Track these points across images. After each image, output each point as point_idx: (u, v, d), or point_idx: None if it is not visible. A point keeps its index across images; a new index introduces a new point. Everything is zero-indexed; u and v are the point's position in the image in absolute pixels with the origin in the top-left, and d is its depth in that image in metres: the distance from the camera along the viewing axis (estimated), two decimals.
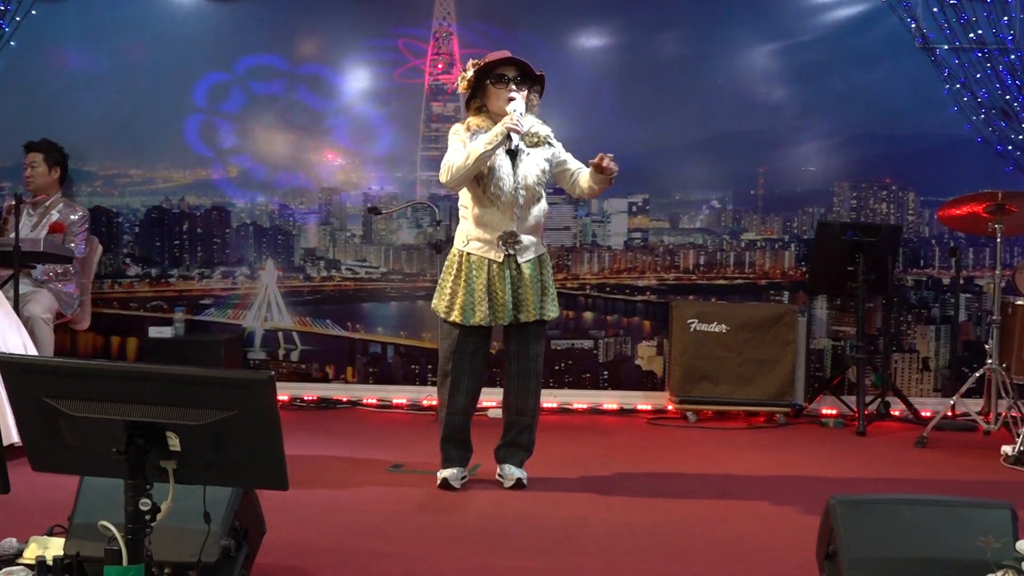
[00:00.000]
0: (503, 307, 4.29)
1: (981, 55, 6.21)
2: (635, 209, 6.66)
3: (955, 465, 5.06)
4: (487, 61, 4.30)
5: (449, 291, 4.33)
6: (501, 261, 4.29)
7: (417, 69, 6.62)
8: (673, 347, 6.23)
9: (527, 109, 4.28)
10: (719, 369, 6.11)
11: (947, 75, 6.28)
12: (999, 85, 6.22)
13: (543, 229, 4.46)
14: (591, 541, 3.70)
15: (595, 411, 6.37)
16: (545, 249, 4.48)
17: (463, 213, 4.38)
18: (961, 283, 6.33)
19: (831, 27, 6.45)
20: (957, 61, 6.26)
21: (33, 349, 5.16)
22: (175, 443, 2.36)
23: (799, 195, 6.61)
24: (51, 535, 3.08)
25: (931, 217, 6.45)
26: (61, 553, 2.86)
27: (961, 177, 6.30)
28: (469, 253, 4.31)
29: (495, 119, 4.29)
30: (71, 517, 2.91)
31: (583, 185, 4.42)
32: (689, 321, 6.16)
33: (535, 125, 4.36)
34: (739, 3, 6.51)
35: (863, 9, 6.42)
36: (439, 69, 6.62)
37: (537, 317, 4.37)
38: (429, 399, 6.29)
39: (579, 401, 6.43)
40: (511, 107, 4.19)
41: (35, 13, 6.60)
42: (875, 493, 3.34)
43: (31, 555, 2.98)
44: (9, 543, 3.10)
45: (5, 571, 2.88)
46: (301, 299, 6.73)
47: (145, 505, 2.36)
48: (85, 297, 6.29)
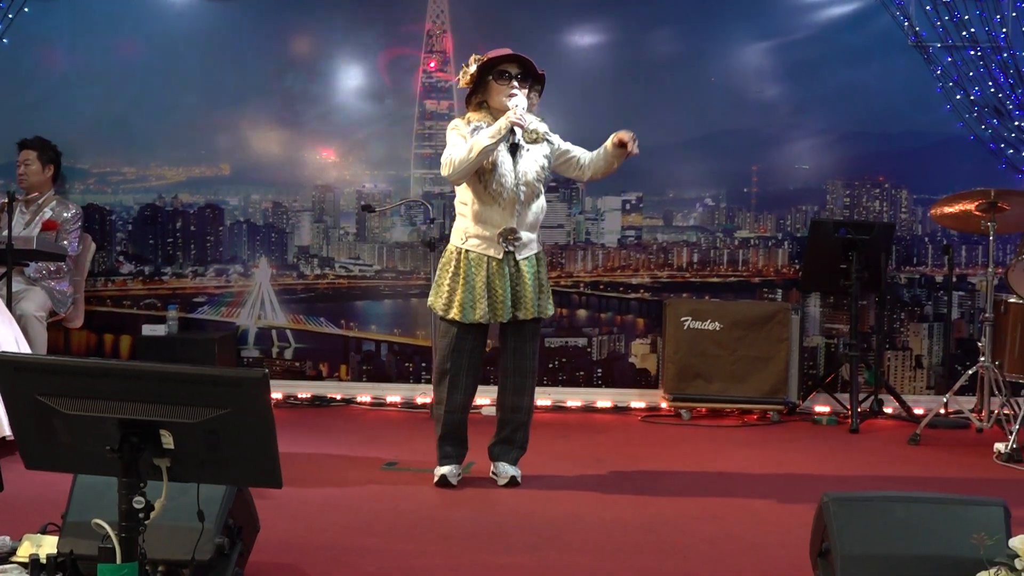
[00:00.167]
0: (502, 304, 4.29)
1: (974, 53, 6.22)
2: (629, 207, 6.66)
3: (948, 463, 5.07)
4: (490, 57, 4.30)
5: (447, 288, 4.32)
6: (500, 258, 4.29)
7: (411, 67, 6.61)
8: (667, 345, 6.23)
9: (527, 108, 4.28)
10: (713, 367, 6.12)
11: (940, 73, 6.29)
12: (992, 83, 6.23)
13: (539, 227, 4.47)
14: (585, 538, 3.71)
15: (589, 409, 6.37)
16: (542, 247, 4.49)
17: (461, 210, 4.37)
18: (954, 281, 6.34)
19: (824, 25, 6.46)
20: (950, 59, 6.27)
21: (25, 343, 5.14)
22: (169, 441, 2.36)
23: (792, 193, 6.62)
24: (45, 533, 3.08)
25: (924, 215, 6.46)
26: (55, 551, 2.86)
27: (954, 175, 6.31)
28: (468, 250, 4.31)
29: (495, 115, 4.29)
30: (65, 515, 2.91)
31: (597, 164, 4.43)
32: (683, 319, 6.16)
33: (533, 122, 4.37)
34: (732, 1, 6.50)
35: (856, 7, 6.42)
36: (432, 67, 6.61)
37: (535, 314, 4.37)
38: (423, 397, 6.29)
39: (573, 399, 6.43)
40: (513, 102, 4.19)
41: (28, 10, 6.58)
42: (868, 491, 3.35)
43: (24, 553, 2.98)
44: (2, 541, 3.10)
45: None
46: (295, 297, 6.72)
47: (139, 503, 2.36)
48: (78, 295, 6.28)
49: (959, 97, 6.29)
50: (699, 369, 6.13)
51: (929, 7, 6.23)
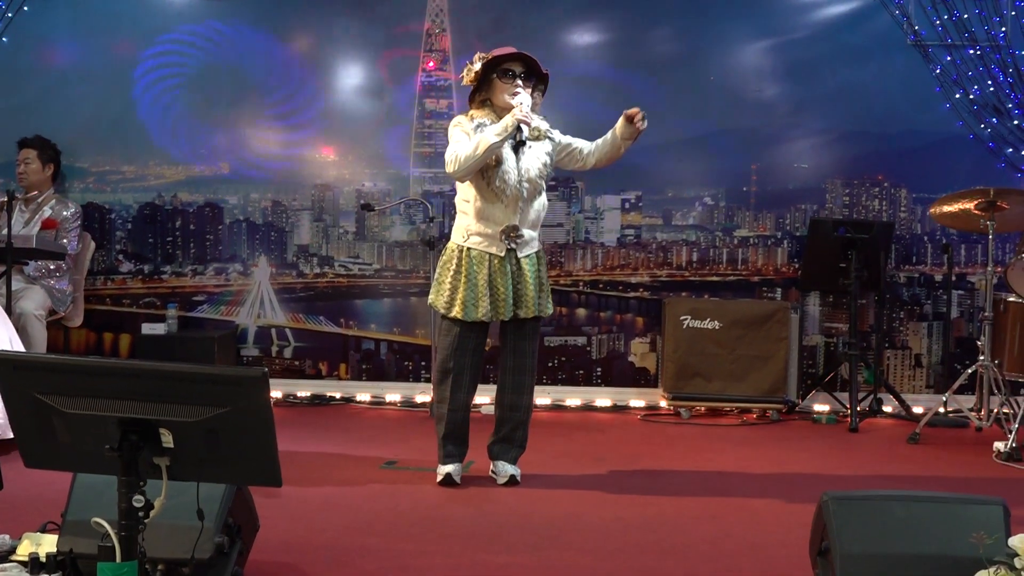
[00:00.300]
0: (504, 302, 4.29)
1: (973, 52, 6.22)
2: (628, 206, 6.66)
3: (947, 461, 5.08)
4: (494, 55, 4.29)
5: (449, 287, 4.32)
6: (502, 256, 4.29)
7: (410, 66, 6.61)
8: (666, 344, 6.23)
9: (531, 106, 4.27)
10: (712, 366, 6.12)
11: (939, 72, 6.29)
12: (991, 82, 6.22)
13: (541, 224, 4.47)
14: (584, 537, 3.71)
15: (588, 408, 6.36)
16: (542, 246, 4.49)
17: (463, 207, 4.36)
18: (953, 280, 6.33)
19: (823, 24, 6.45)
20: (949, 58, 6.26)
21: (19, 343, 5.14)
22: (168, 440, 2.36)
23: (792, 192, 6.62)
24: (44, 532, 3.08)
25: (923, 214, 6.46)
26: (54, 550, 2.86)
27: (953, 174, 6.31)
28: (469, 248, 4.30)
29: (498, 113, 4.29)
30: (64, 514, 2.91)
31: (602, 150, 4.41)
32: (682, 318, 6.16)
33: (535, 119, 4.36)
34: (731, 0, 6.51)
35: (855, 6, 6.42)
36: (431, 67, 6.61)
37: (536, 313, 4.37)
38: (422, 395, 6.29)
39: (572, 397, 6.43)
40: (517, 100, 4.18)
41: (27, 9, 6.58)
42: (868, 490, 3.36)
43: (24, 552, 2.98)
44: (2, 540, 3.10)
45: None
46: (294, 296, 6.72)
47: (138, 502, 2.36)
48: (78, 294, 6.28)
49: (958, 96, 6.28)
50: (698, 368, 6.13)
51: (928, 6, 6.23)
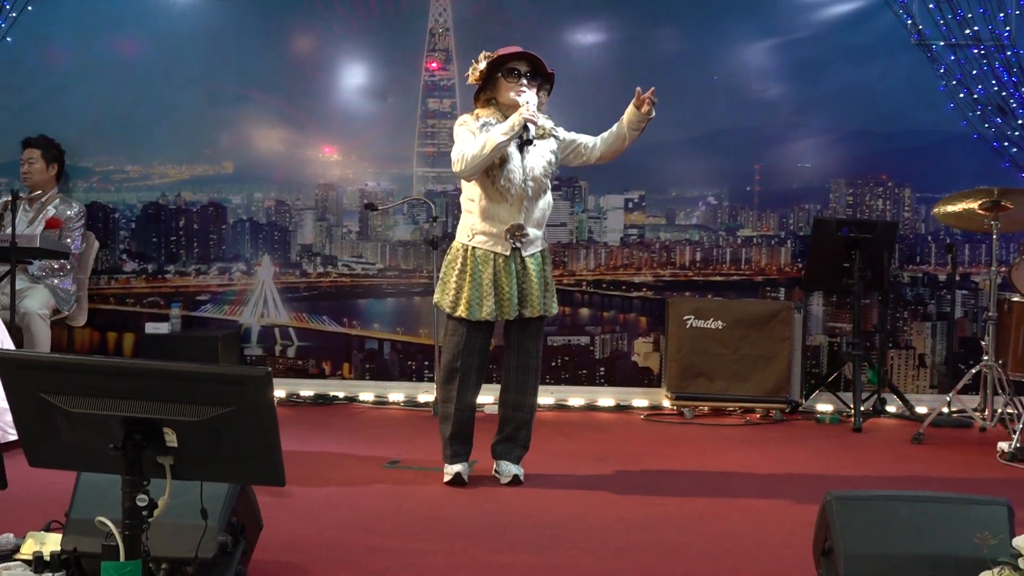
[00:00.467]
0: (509, 302, 4.28)
1: (977, 52, 6.22)
2: (631, 205, 6.66)
3: (951, 462, 5.07)
4: (499, 54, 4.28)
5: (454, 286, 4.31)
6: (507, 255, 4.28)
7: (414, 65, 6.61)
8: (669, 343, 6.23)
9: (536, 105, 4.26)
10: (715, 365, 6.11)
11: (943, 72, 6.29)
12: (995, 81, 6.22)
13: (546, 224, 4.46)
14: (587, 537, 3.71)
15: (591, 407, 6.36)
16: (546, 245, 4.48)
17: (468, 207, 4.35)
18: (957, 280, 6.33)
19: (827, 24, 6.45)
20: (953, 57, 6.26)
21: (9, 341, 5.13)
22: (172, 439, 2.36)
23: (795, 192, 6.62)
24: (48, 531, 3.09)
25: (927, 214, 6.46)
26: (58, 549, 2.87)
27: (957, 174, 6.31)
28: (474, 247, 4.29)
29: (503, 111, 4.28)
30: (68, 513, 2.91)
31: (608, 143, 4.39)
32: (685, 317, 6.16)
33: (539, 118, 4.35)
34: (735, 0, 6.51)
35: (859, 6, 6.41)
36: (435, 66, 6.61)
37: (541, 312, 4.36)
38: (426, 395, 6.29)
39: (575, 397, 6.43)
40: (523, 99, 4.17)
41: (31, 9, 6.58)
42: (871, 490, 3.35)
43: (28, 551, 2.99)
44: (6, 539, 3.10)
45: (2, 567, 2.88)
46: (297, 295, 6.72)
47: (142, 501, 2.36)
48: (82, 293, 6.28)
49: (962, 95, 6.28)
50: (702, 368, 6.13)
51: (932, 5, 6.22)
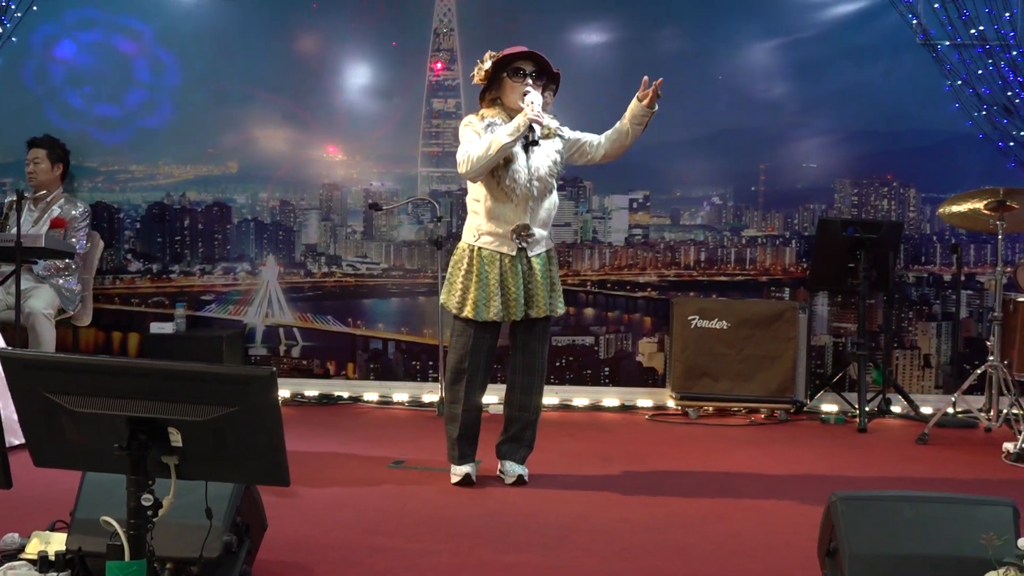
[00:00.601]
0: (515, 302, 4.27)
1: (983, 51, 6.21)
2: (636, 205, 6.65)
3: (956, 462, 5.06)
4: (505, 54, 4.27)
5: (460, 286, 4.30)
6: (514, 255, 4.28)
7: (418, 65, 6.61)
8: (674, 344, 6.23)
9: (542, 106, 4.25)
10: (720, 366, 6.11)
11: (948, 71, 6.28)
12: (1001, 81, 6.21)
13: (551, 223, 4.45)
14: (591, 538, 3.70)
15: (596, 407, 6.36)
16: (553, 244, 4.47)
17: (473, 207, 4.34)
18: (962, 280, 6.32)
19: (832, 23, 6.44)
20: (958, 57, 6.25)
21: (1, 341, 5.12)
22: (177, 439, 2.36)
23: (800, 191, 6.61)
24: (53, 530, 3.09)
25: (932, 214, 6.45)
26: (63, 548, 2.87)
27: (962, 174, 6.30)
28: (480, 247, 4.28)
29: (509, 112, 4.27)
30: (73, 512, 2.92)
31: (612, 140, 4.38)
32: (690, 318, 6.16)
33: (544, 118, 4.34)
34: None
35: (863, 5, 6.41)
36: (439, 67, 6.61)
37: (547, 312, 4.36)
38: (430, 395, 6.30)
39: (580, 397, 6.43)
40: (528, 99, 4.16)
41: (35, 8, 6.59)
42: (876, 490, 3.34)
43: (33, 550, 2.99)
44: (11, 538, 3.11)
45: (7, 566, 2.89)
46: (302, 295, 6.73)
47: (147, 501, 2.37)
48: (86, 293, 6.29)
49: (968, 95, 6.27)
50: (706, 368, 6.12)
51: (937, 5, 6.21)
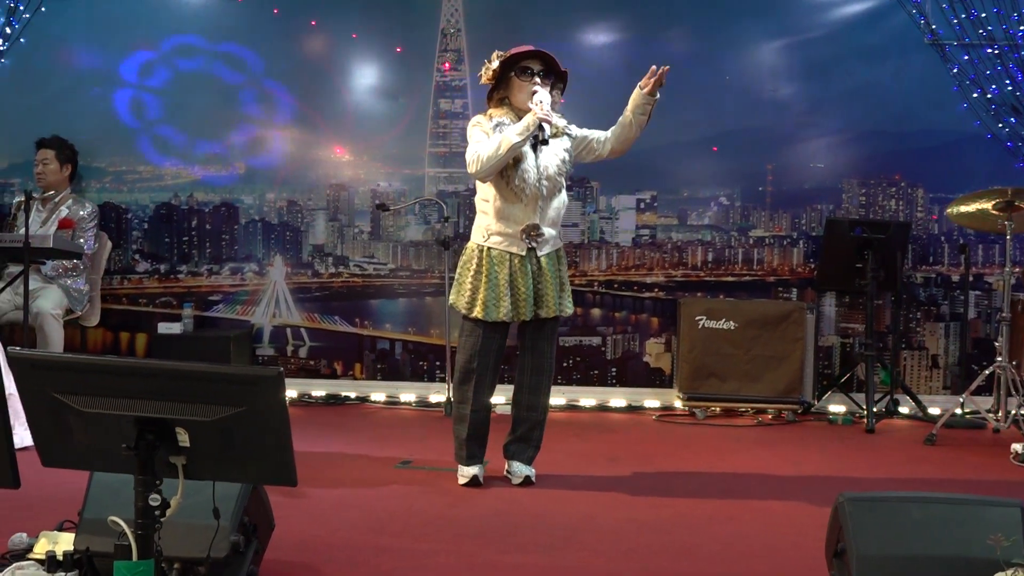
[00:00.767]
0: (525, 302, 4.26)
1: (991, 51, 6.19)
2: (643, 206, 6.65)
3: (964, 463, 5.05)
4: (512, 53, 4.26)
5: (470, 286, 4.29)
6: (523, 255, 4.27)
7: (425, 66, 6.62)
8: (681, 344, 6.22)
9: (550, 105, 4.24)
10: (727, 366, 6.10)
11: (956, 71, 6.26)
12: (1009, 81, 6.19)
13: (561, 223, 4.45)
14: (598, 538, 3.70)
15: (603, 408, 6.36)
16: (562, 244, 4.47)
17: (482, 207, 4.33)
18: (971, 280, 6.30)
19: (839, 23, 6.44)
20: (967, 57, 6.23)
21: None
22: (184, 439, 2.37)
23: (807, 192, 6.60)
24: (61, 530, 3.09)
25: (940, 214, 6.43)
26: (71, 548, 2.87)
27: (970, 174, 6.29)
28: (490, 247, 4.27)
29: (517, 111, 4.26)
30: (81, 512, 2.92)
31: (618, 134, 4.36)
32: (697, 318, 6.15)
33: (552, 117, 4.33)
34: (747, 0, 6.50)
35: (872, 5, 6.40)
36: (447, 67, 6.61)
37: (556, 312, 4.35)
38: (437, 395, 6.30)
39: (587, 398, 6.43)
40: (536, 98, 4.13)
41: (44, 10, 6.61)
42: (884, 491, 3.34)
43: (41, 550, 2.99)
44: (19, 538, 3.11)
45: (15, 566, 2.89)
46: (309, 295, 6.74)
47: (155, 501, 2.37)
48: (94, 293, 6.30)
49: (976, 95, 6.25)
50: (713, 368, 6.12)
51: (945, 5, 6.20)
